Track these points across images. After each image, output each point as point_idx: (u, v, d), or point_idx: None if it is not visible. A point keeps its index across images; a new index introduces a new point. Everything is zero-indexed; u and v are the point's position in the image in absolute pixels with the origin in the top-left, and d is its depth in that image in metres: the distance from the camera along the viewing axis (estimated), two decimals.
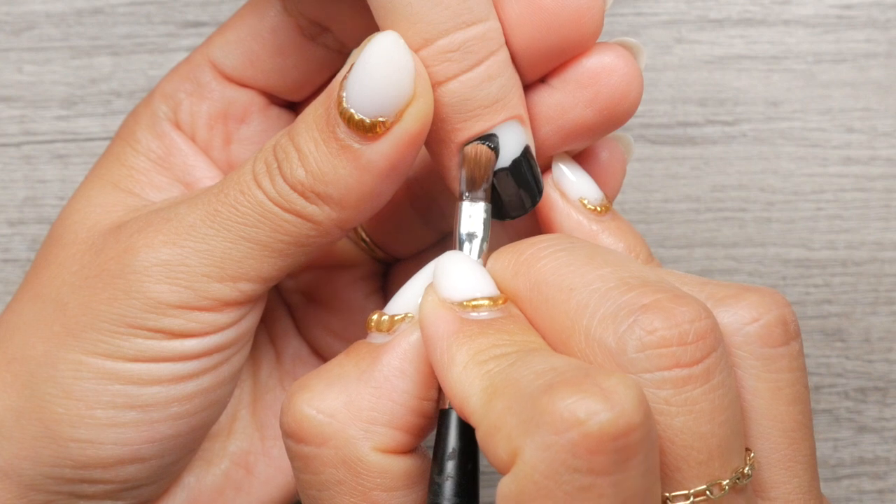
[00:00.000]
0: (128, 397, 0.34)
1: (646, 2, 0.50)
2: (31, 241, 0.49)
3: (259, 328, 0.39)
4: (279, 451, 0.39)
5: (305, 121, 0.33)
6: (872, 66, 0.50)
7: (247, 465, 0.39)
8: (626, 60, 0.33)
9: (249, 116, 0.38)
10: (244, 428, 0.39)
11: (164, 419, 0.34)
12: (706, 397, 0.29)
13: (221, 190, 0.34)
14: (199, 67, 0.38)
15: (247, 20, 0.37)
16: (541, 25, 0.32)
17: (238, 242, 0.33)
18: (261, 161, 0.33)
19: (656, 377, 0.29)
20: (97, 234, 0.35)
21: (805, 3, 0.50)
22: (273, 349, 0.40)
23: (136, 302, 0.33)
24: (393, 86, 0.31)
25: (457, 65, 0.32)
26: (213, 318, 0.34)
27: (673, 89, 0.50)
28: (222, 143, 0.38)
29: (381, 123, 0.31)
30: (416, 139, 0.32)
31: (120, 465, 0.34)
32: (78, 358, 0.34)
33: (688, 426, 0.29)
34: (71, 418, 0.34)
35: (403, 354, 0.32)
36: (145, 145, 0.37)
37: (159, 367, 0.34)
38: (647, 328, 0.29)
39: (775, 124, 0.50)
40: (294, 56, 0.37)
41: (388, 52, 0.31)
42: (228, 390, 0.36)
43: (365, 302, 0.40)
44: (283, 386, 0.40)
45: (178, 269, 0.33)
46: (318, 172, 0.32)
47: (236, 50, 0.37)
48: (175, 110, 0.37)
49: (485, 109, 0.32)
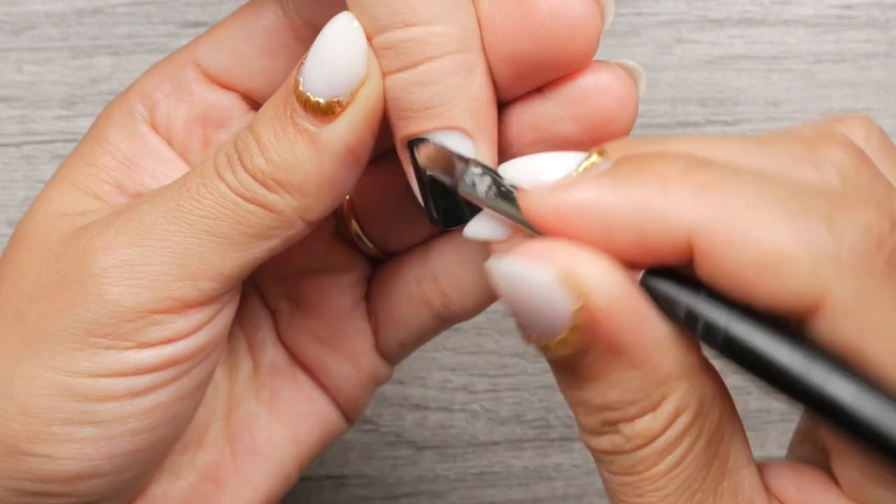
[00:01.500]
0: (84, 413, 0.33)
1: (646, 2, 0.50)
2: None
3: (237, 338, 0.39)
4: (250, 465, 0.38)
5: (265, 111, 0.33)
6: (872, 66, 0.50)
7: (216, 479, 0.38)
8: (621, 82, 0.32)
9: (229, 121, 0.37)
10: (215, 441, 0.38)
11: (121, 435, 0.34)
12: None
13: (184, 185, 0.33)
14: (181, 68, 0.37)
15: (240, 20, 0.37)
16: (533, 37, 0.32)
17: (200, 237, 0.33)
18: (222, 154, 0.33)
19: (875, 194, 0.28)
20: (56, 239, 0.34)
21: (805, 3, 0.50)
22: (251, 359, 0.39)
23: (94, 306, 0.33)
24: (345, 64, 0.31)
25: (390, 62, 0.32)
26: (172, 322, 0.33)
27: (673, 89, 0.50)
28: (200, 146, 0.37)
29: (337, 104, 0.32)
30: (370, 119, 0.32)
31: (79, 480, 0.34)
32: (33, 373, 0.33)
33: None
34: (28, 434, 0.33)
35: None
36: (114, 145, 0.36)
37: (115, 382, 0.33)
38: (837, 157, 0.28)
39: (775, 124, 0.50)
40: (283, 59, 0.37)
41: (341, 32, 0.31)
42: (189, 405, 0.35)
43: (353, 308, 0.40)
44: (258, 398, 0.39)
45: (138, 269, 0.33)
46: (277, 160, 0.32)
47: (225, 50, 0.37)
48: (151, 110, 0.37)
49: (415, 113, 0.32)
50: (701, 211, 0.26)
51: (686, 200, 0.27)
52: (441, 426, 0.49)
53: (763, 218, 0.26)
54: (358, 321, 0.40)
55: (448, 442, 0.49)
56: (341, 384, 0.39)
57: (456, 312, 0.39)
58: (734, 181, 0.27)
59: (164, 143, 0.37)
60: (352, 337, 0.39)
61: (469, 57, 0.32)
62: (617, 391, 0.28)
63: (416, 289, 0.39)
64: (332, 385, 0.39)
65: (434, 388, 0.50)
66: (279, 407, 0.39)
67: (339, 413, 0.40)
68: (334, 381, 0.39)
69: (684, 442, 0.29)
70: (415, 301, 0.39)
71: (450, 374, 0.50)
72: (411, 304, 0.39)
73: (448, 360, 0.50)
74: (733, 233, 0.26)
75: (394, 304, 0.39)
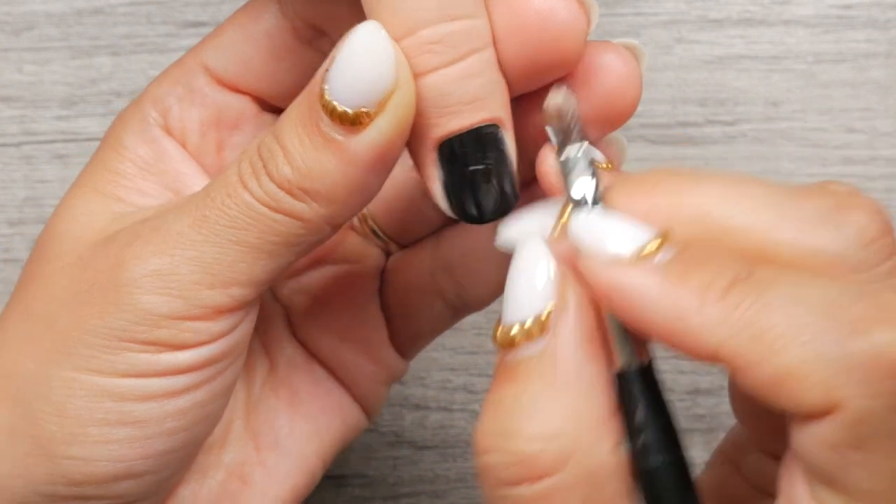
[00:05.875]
0: (121, 414, 0.33)
1: (646, 2, 0.50)
2: (30, 241, 0.49)
3: (251, 337, 0.39)
4: (274, 461, 0.38)
5: (289, 117, 0.32)
6: (872, 66, 0.50)
7: (242, 476, 0.38)
8: (623, 60, 0.33)
9: (242, 123, 0.37)
10: (238, 438, 0.38)
11: (158, 435, 0.34)
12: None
13: (208, 194, 0.33)
14: (191, 72, 0.37)
15: (241, 23, 0.37)
16: (523, 42, 0.32)
17: (227, 247, 0.33)
18: (246, 162, 0.33)
19: (885, 269, 0.28)
20: (84, 247, 0.35)
21: (805, 3, 0.50)
22: (266, 357, 0.40)
23: (127, 314, 0.33)
24: (373, 75, 0.31)
25: (438, 57, 0.31)
26: (206, 328, 0.33)
27: (673, 89, 0.50)
28: (214, 149, 0.37)
29: (365, 114, 0.31)
30: (400, 129, 0.31)
31: (114, 482, 0.34)
32: (70, 375, 0.33)
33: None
34: (64, 436, 0.33)
35: (578, 344, 0.30)
36: (133, 151, 0.36)
37: (152, 383, 0.33)
38: (861, 222, 0.28)
39: (775, 124, 0.50)
40: (288, 60, 0.37)
41: (368, 41, 0.31)
42: (223, 404, 0.35)
43: (368, 300, 0.40)
44: (277, 394, 0.39)
45: (168, 279, 0.33)
46: (304, 168, 0.32)
47: (229, 53, 0.37)
48: (165, 115, 0.37)
49: (463, 106, 0.32)
50: (726, 331, 0.28)
51: (716, 319, 0.28)
52: (441, 426, 0.50)
53: (784, 340, 0.27)
54: (373, 314, 0.40)
55: (448, 442, 0.49)
56: (358, 378, 0.40)
57: (469, 302, 0.39)
58: (767, 302, 0.28)
59: (179, 147, 0.37)
60: (367, 330, 0.40)
61: (494, 50, 0.32)
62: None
63: (430, 280, 0.39)
64: (349, 379, 0.40)
65: (434, 388, 0.50)
66: (299, 402, 0.39)
67: (358, 407, 0.40)
68: (351, 375, 0.40)
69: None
70: (428, 292, 0.39)
71: (450, 374, 0.50)
72: (425, 296, 0.39)
73: (448, 360, 0.50)
74: (750, 355, 0.27)
75: (407, 295, 0.39)
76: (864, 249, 0.28)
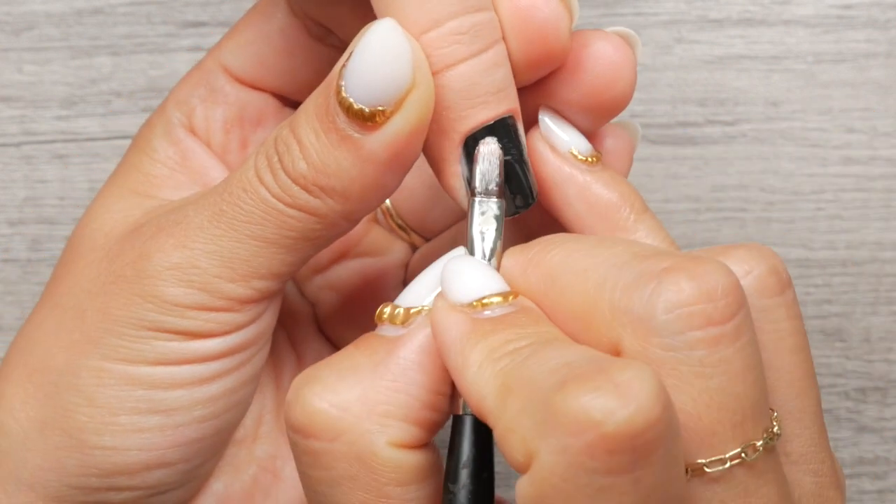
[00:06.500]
0: (151, 402, 0.34)
1: (646, 2, 0.50)
2: (31, 241, 0.49)
3: (278, 332, 0.39)
4: None
5: (306, 111, 0.32)
6: (872, 66, 0.50)
7: (274, 470, 0.38)
8: (616, 47, 0.33)
9: (265, 119, 0.38)
10: (269, 432, 0.39)
11: (188, 422, 0.34)
12: (739, 356, 0.28)
13: (226, 188, 0.33)
14: (211, 72, 0.37)
15: (254, 23, 0.37)
16: (513, 37, 0.32)
17: (245, 241, 0.33)
18: (262, 155, 0.33)
19: (689, 338, 0.28)
20: (113, 240, 0.35)
21: (805, 3, 0.50)
22: (294, 352, 0.40)
23: (152, 305, 0.33)
24: (390, 73, 0.30)
25: (466, 48, 0.31)
26: (231, 318, 0.34)
27: (673, 89, 0.50)
28: (238, 147, 0.38)
29: (381, 112, 0.31)
30: (418, 128, 0.31)
31: (146, 471, 0.34)
32: (99, 365, 0.34)
33: (723, 387, 0.28)
34: (95, 426, 0.34)
35: (420, 347, 0.31)
36: (162, 153, 0.37)
37: (181, 370, 0.34)
38: (673, 288, 0.28)
39: (775, 124, 0.50)
40: (303, 57, 0.37)
41: (386, 39, 0.30)
42: (251, 391, 0.36)
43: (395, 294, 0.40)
44: None
45: (190, 272, 0.33)
46: (319, 164, 0.32)
47: (246, 53, 0.37)
48: (189, 116, 0.37)
49: (491, 97, 0.32)
50: (488, 390, 0.29)
51: (485, 378, 0.29)
52: None
53: (514, 398, 0.28)
54: None
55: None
56: None
57: None
58: (522, 367, 0.29)
59: (204, 147, 0.37)
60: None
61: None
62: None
63: None
64: None
65: None
66: None
67: None
68: None
69: None
70: None
71: None
72: None
73: None
74: (495, 412, 0.29)
75: None
76: (667, 314, 0.28)
